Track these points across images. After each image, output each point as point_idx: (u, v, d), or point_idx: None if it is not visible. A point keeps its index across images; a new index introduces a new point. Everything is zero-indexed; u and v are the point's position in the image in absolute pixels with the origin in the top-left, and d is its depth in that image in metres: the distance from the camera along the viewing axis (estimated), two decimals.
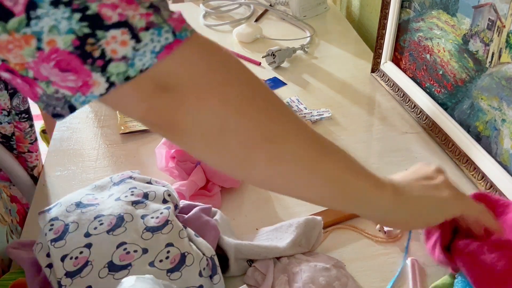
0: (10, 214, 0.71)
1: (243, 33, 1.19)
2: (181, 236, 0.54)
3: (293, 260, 0.59)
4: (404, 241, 0.66)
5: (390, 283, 0.60)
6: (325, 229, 0.67)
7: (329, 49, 1.17)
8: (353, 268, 0.62)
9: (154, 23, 0.37)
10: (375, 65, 1.04)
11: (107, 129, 0.90)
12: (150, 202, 0.57)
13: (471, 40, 0.75)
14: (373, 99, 0.99)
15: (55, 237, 0.53)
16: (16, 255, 0.58)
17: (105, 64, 0.36)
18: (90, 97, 0.37)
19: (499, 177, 0.70)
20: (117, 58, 0.36)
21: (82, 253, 0.51)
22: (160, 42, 0.37)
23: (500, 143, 0.71)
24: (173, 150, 0.73)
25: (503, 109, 0.69)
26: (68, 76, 0.36)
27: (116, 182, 0.61)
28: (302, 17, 1.30)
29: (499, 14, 0.67)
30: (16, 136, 0.79)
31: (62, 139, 0.88)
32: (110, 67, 0.36)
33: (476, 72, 0.75)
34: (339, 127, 0.90)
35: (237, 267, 0.59)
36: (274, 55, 1.07)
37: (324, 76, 1.06)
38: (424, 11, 0.87)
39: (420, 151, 0.83)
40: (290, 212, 0.71)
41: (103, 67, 0.36)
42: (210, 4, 1.39)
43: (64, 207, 0.57)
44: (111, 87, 0.37)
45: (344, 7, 1.44)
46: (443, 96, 0.85)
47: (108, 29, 0.35)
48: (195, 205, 0.62)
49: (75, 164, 0.82)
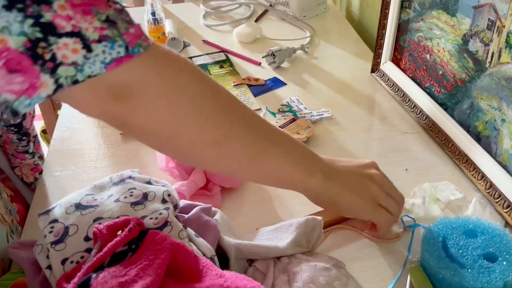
0: (10, 214, 0.71)
1: (243, 33, 1.20)
2: (181, 236, 0.54)
3: (293, 260, 0.59)
4: (404, 241, 0.66)
5: (392, 283, 0.60)
6: (325, 229, 0.67)
7: (329, 49, 1.17)
8: (353, 268, 0.62)
9: (108, 36, 0.39)
10: (375, 65, 1.04)
11: (107, 129, 0.90)
12: (150, 202, 0.57)
13: (471, 40, 0.75)
14: (373, 99, 0.99)
15: (55, 240, 0.53)
16: (16, 255, 0.58)
17: (55, 66, 0.37)
18: (36, 99, 0.38)
19: (499, 177, 0.70)
20: (67, 63, 0.38)
21: (83, 258, 0.51)
22: (111, 55, 0.39)
23: (499, 143, 0.71)
24: None
25: (503, 109, 0.70)
26: (15, 78, 0.37)
27: (116, 182, 0.61)
28: (302, 17, 1.30)
29: (499, 14, 0.67)
30: (3, 139, 0.79)
31: (62, 139, 0.88)
32: (60, 70, 0.38)
33: (475, 72, 0.75)
34: (339, 127, 0.90)
35: (237, 266, 0.59)
36: (274, 55, 1.07)
37: (324, 76, 1.06)
38: (424, 11, 0.87)
39: (420, 151, 0.83)
40: (290, 212, 0.71)
41: (53, 69, 0.37)
42: (210, 4, 1.39)
43: (63, 208, 0.57)
44: (59, 89, 0.38)
45: (344, 7, 1.44)
46: (443, 96, 0.85)
47: (61, 36, 0.37)
48: (195, 205, 0.62)
49: (75, 164, 0.82)
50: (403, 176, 0.78)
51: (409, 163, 0.80)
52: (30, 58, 0.37)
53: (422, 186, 0.74)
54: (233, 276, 0.49)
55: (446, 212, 0.70)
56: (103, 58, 0.39)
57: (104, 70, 0.39)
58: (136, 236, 0.50)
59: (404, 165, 0.80)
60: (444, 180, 0.75)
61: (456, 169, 0.79)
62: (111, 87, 0.42)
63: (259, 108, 0.94)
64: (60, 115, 0.95)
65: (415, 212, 0.70)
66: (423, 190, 0.73)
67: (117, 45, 0.39)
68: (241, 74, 1.07)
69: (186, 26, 1.29)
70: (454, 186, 0.73)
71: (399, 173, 0.78)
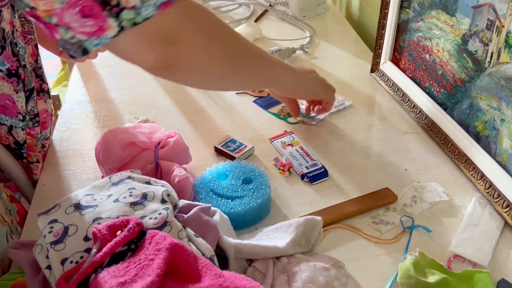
0: (10, 214, 0.71)
1: (243, 33, 1.19)
2: (180, 236, 0.54)
3: (292, 260, 0.59)
4: (403, 242, 0.66)
5: (389, 283, 0.60)
6: (324, 228, 0.67)
7: (329, 49, 1.17)
8: (352, 268, 0.62)
9: None
10: (374, 65, 1.04)
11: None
12: (149, 202, 0.57)
13: (470, 40, 0.75)
14: (373, 99, 0.99)
15: (54, 240, 0.53)
16: (16, 255, 0.58)
17: (120, 11, 0.45)
18: (104, 39, 0.47)
19: (498, 177, 0.70)
20: (128, 7, 0.45)
21: (82, 258, 0.51)
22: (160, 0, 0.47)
23: (499, 142, 0.71)
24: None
25: (502, 109, 0.70)
26: (87, 22, 0.45)
27: (115, 182, 0.61)
28: (302, 17, 1.30)
29: (498, 14, 0.67)
30: (27, 144, 0.79)
31: (62, 139, 0.88)
32: (123, 14, 0.46)
33: (475, 72, 0.75)
34: (339, 127, 0.90)
35: (236, 266, 0.59)
36: (274, 55, 1.07)
37: (324, 76, 1.05)
38: (423, 11, 0.87)
39: (419, 151, 0.83)
40: (290, 212, 0.72)
41: (117, 13, 0.45)
42: (210, 4, 1.39)
43: (63, 208, 0.57)
44: (121, 31, 0.46)
45: (343, 7, 1.44)
46: (442, 96, 0.85)
47: None
48: (195, 204, 0.62)
49: (75, 164, 0.83)
50: (403, 176, 0.78)
51: (408, 163, 0.80)
52: (101, 5, 0.44)
53: (412, 186, 0.74)
54: (233, 276, 0.49)
55: (432, 212, 0.71)
56: (154, 1, 0.47)
57: (156, 12, 0.47)
58: (136, 236, 0.50)
59: (404, 165, 0.80)
60: (433, 182, 0.75)
61: (455, 169, 0.79)
62: (161, 31, 0.50)
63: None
64: (60, 115, 0.95)
65: (408, 212, 0.70)
66: (413, 189, 0.74)
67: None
68: None
69: None
70: (442, 189, 0.74)
71: (398, 173, 0.78)
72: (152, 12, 0.47)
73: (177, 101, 0.99)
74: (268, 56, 0.71)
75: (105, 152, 0.71)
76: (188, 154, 0.77)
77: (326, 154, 0.83)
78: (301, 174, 0.78)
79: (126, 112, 0.96)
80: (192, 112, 0.96)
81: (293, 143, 0.84)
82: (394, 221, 0.69)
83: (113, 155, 0.71)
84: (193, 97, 1.00)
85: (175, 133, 0.77)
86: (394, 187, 0.74)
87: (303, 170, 0.78)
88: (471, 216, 0.69)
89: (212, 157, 0.83)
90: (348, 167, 0.80)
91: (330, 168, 0.79)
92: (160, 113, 0.95)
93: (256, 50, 0.68)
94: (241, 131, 0.89)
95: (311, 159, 0.80)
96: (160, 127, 0.77)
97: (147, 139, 0.73)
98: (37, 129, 0.80)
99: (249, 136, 0.87)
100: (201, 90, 1.02)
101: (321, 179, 0.77)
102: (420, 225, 0.68)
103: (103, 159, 0.71)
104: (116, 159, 0.71)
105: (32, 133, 0.79)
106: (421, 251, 0.61)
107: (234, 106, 0.97)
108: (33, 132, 0.79)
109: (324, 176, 0.78)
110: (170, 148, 0.74)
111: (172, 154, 0.74)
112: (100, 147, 0.72)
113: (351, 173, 0.79)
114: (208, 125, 0.92)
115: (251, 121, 0.92)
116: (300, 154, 0.81)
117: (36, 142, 0.80)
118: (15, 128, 0.76)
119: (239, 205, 0.67)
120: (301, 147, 0.83)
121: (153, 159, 0.72)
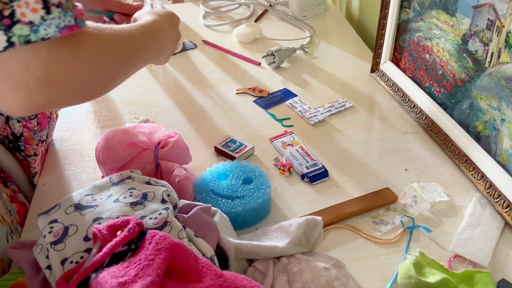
0: (10, 214, 0.71)
1: (243, 33, 1.20)
2: (180, 237, 0.54)
3: (293, 260, 0.59)
4: (403, 242, 0.66)
5: (389, 283, 0.60)
6: (324, 228, 0.67)
7: (329, 49, 1.17)
8: (352, 268, 0.62)
9: (63, 5, 0.42)
10: (374, 65, 1.04)
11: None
12: (149, 202, 0.57)
13: (471, 40, 0.75)
14: (373, 99, 0.99)
15: (54, 240, 0.53)
16: (16, 255, 0.58)
17: (11, 24, 0.39)
18: None
19: (499, 177, 0.70)
20: (24, 21, 0.40)
21: (82, 258, 0.51)
22: (65, 21, 0.43)
23: (499, 142, 0.71)
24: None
25: (503, 108, 0.70)
26: None
27: (115, 182, 0.61)
28: (302, 17, 1.30)
29: (498, 14, 0.67)
30: (24, 137, 0.79)
31: (62, 139, 0.88)
32: (15, 28, 0.40)
33: (475, 72, 0.75)
34: (339, 127, 0.90)
35: (237, 266, 0.59)
36: (274, 55, 1.07)
37: (324, 76, 1.06)
38: (423, 11, 0.87)
39: (419, 151, 0.83)
40: (290, 212, 0.72)
41: (9, 26, 0.39)
42: (210, 4, 1.39)
43: (63, 208, 0.57)
44: (9, 47, 0.40)
45: (343, 7, 1.44)
46: (442, 96, 0.85)
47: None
48: (195, 204, 0.62)
49: (75, 164, 0.83)
50: (403, 176, 0.78)
51: (409, 163, 0.80)
52: None
53: (412, 186, 0.74)
54: (233, 276, 0.49)
55: (432, 212, 0.70)
56: (58, 22, 0.42)
57: (58, 34, 0.42)
58: (136, 236, 0.50)
59: (404, 165, 0.80)
60: (433, 182, 0.75)
61: (455, 169, 0.79)
62: (51, 53, 0.43)
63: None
64: (60, 115, 0.95)
65: (409, 212, 0.70)
66: (413, 189, 0.74)
67: (68, 15, 0.43)
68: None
69: (186, 26, 1.29)
70: (442, 189, 0.74)
71: (399, 173, 0.78)
72: (54, 33, 0.42)
73: (177, 101, 0.99)
74: (144, 45, 0.64)
75: (105, 152, 0.71)
76: (188, 154, 0.77)
77: (326, 154, 0.83)
78: (301, 174, 0.78)
79: (126, 112, 0.96)
80: (192, 112, 0.96)
81: (293, 143, 0.84)
82: (394, 221, 0.69)
83: (113, 155, 0.71)
84: (193, 97, 1.00)
85: (175, 133, 0.77)
86: (394, 187, 0.74)
87: (303, 170, 0.78)
88: (471, 216, 0.69)
89: (212, 157, 0.83)
90: (348, 167, 0.80)
91: (330, 168, 0.79)
92: (160, 113, 0.95)
93: (136, 48, 0.61)
94: (241, 131, 0.89)
95: (311, 159, 0.80)
96: (160, 127, 0.77)
97: (147, 139, 0.73)
98: (33, 122, 0.80)
99: (249, 136, 0.87)
100: (201, 90, 1.02)
101: (321, 179, 0.77)
102: (420, 225, 0.68)
103: (103, 159, 0.71)
104: (116, 159, 0.71)
105: (29, 126, 0.79)
106: (421, 251, 0.61)
107: (234, 106, 0.97)
108: (29, 125, 0.79)
109: (324, 176, 0.78)
110: (170, 148, 0.74)
111: (172, 154, 0.74)
112: (100, 147, 0.72)
113: (351, 173, 0.79)
114: (208, 125, 0.92)
115: (251, 121, 0.92)
116: (300, 154, 0.81)
117: (33, 135, 0.80)
118: (12, 119, 0.76)
119: (239, 205, 0.67)
120: (301, 147, 0.83)
121: (153, 159, 0.72)
